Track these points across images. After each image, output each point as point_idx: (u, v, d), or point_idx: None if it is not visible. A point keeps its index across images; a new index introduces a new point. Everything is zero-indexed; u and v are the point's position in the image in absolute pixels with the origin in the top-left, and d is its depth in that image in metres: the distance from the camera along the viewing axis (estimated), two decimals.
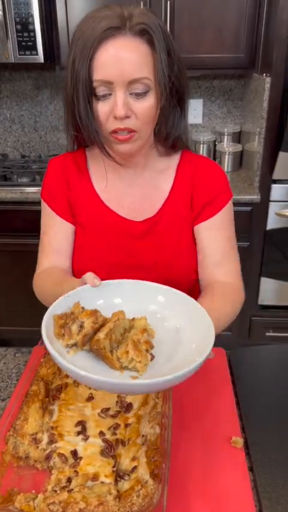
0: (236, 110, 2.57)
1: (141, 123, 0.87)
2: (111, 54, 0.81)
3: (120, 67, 0.81)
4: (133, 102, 0.85)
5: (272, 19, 1.91)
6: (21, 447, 0.71)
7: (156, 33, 0.83)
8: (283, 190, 2.11)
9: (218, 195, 0.99)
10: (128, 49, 0.82)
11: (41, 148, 2.70)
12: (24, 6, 2.02)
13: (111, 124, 0.86)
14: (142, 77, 0.83)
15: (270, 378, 0.93)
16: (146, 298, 0.79)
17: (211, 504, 0.67)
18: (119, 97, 0.83)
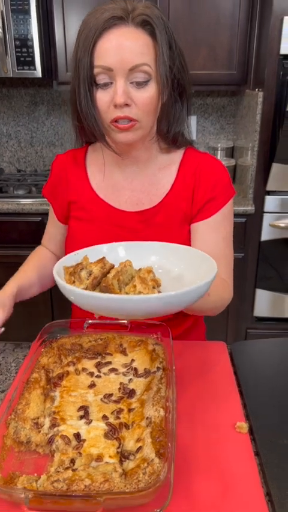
0: (228, 126, 2.64)
1: (141, 112, 0.87)
2: (112, 42, 0.83)
3: (121, 54, 0.83)
4: (133, 91, 0.86)
5: (264, 37, 1.98)
6: (23, 431, 0.69)
7: (158, 25, 0.85)
8: (276, 201, 2.15)
9: (220, 192, 0.99)
10: (130, 38, 0.84)
11: (36, 163, 2.73)
12: (23, 25, 2.08)
13: (111, 113, 0.87)
14: (142, 63, 0.84)
15: (271, 369, 0.92)
16: (148, 255, 0.81)
17: (218, 485, 0.65)
18: (119, 84, 0.84)
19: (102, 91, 0.87)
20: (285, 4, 1.85)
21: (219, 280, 0.97)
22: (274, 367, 0.93)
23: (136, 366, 0.84)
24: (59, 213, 1.08)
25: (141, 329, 0.93)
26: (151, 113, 0.90)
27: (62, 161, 1.08)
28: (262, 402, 0.82)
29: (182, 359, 0.92)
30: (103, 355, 0.87)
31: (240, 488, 0.65)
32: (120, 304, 0.62)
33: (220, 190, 0.99)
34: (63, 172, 1.06)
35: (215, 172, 1.00)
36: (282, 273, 2.31)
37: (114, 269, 0.70)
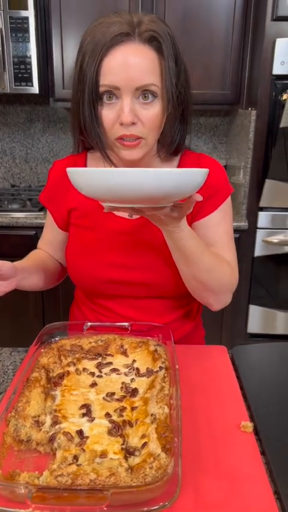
0: (221, 145, 2.69)
1: (147, 130, 0.86)
2: (119, 60, 0.82)
3: (127, 72, 0.82)
4: (140, 109, 0.84)
5: (256, 58, 2.05)
6: (23, 429, 0.67)
7: (165, 41, 0.84)
8: (269, 217, 2.18)
9: (218, 190, 0.99)
10: (137, 55, 0.82)
11: (31, 179, 2.74)
12: (22, 43, 2.12)
13: (117, 131, 0.86)
14: (150, 83, 0.83)
15: (272, 371, 0.91)
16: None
17: (226, 484, 0.63)
18: (126, 103, 0.83)
19: (107, 108, 0.85)
20: (277, 27, 1.92)
21: (221, 256, 0.96)
22: (275, 369, 0.92)
23: (138, 366, 0.83)
24: (58, 220, 1.07)
25: (142, 331, 0.92)
26: (156, 129, 0.89)
27: (61, 167, 1.06)
28: (265, 403, 0.81)
29: (183, 362, 0.90)
30: (104, 356, 0.86)
31: (248, 487, 0.63)
32: (133, 176, 0.65)
33: (218, 188, 0.98)
34: (64, 178, 1.04)
35: (212, 171, 1.00)
36: (275, 289, 2.32)
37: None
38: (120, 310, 1.03)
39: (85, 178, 0.70)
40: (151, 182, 0.65)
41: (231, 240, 1.01)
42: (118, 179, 0.65)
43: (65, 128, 2.64)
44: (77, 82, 0.89)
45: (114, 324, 0.94)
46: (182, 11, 2.12)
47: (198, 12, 2.11)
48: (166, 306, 1.04)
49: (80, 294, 1.12)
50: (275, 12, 1.89)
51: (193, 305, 1.10)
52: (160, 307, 1.03)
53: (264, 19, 1.92)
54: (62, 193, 1.04)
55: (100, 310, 1.06)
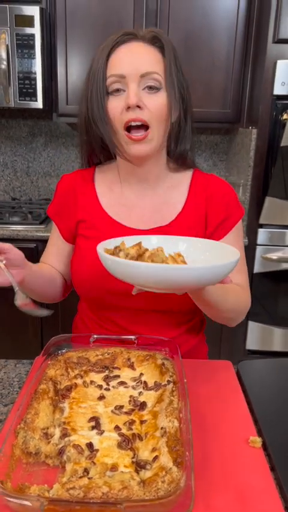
0: (221, 163, 2.72)
1: (153, 116, 0.90)
2: (124, 53, 0.90)
3: (133, 62, 0.89)
4: (145, 97, 0.89)
5: (257, 79, 2.09)
6: (32, 442, 0.66)
7: (167, 43, 0.92)
8: (269, 234, 2.19)
9: (231, 212, 1.01)
10: (141, 49, 0.91)
11: (32, 193, 2.75)
12: (27, 59, 2.15)
13: (124, 116, 0.89)
14: (153, 71, 0.89)
15: (279, 386, 0.91)
16: (178, 244, 0.86)
17: (237, 499, 0.63)
18: (132, 88, 0.88)
19: (114, 98, 0.91)
20: (278, 49, 1.96)
21: (237, 287, 0.99)
22: (282, 385, 0.92)
23: (145, 380, 0.82)
24: (65, 233, 1.07)
25: (149, 345, 0.92)
26: (162, 122, 0.92)
27: (69, 181, 1.08)
28: (273, 418, 0.81)
29: (189, 377, 0.89)
30: (111, 369, 0.86)
31: (259, 503, 0.63)
32: (157, 272, 0.68)
33: (231, 210, 1.01)
34: (71, 192, 1.06)
35: (225, 193, 1.03)
36: (274, 305, 2.32)
37: (149, 251, 0.76)
38: (124, 324, 1.03)
39: (116, 268, 0.73)
40: (183, 278, 0.68)
41: (243, 262, 1.02)
42: (150, 275, 0.68)
43: (67, 143, 2.66)
44: (86, 82, 0.95)
45: (121, 337, 0.94)
46: (185, 31, 2.17)
47: (201, 33, 2.16)
48: (170, 321, 1.04)
49: (84, 306, 1.11)
50: (277, 35, 1.94)
51: (197, 321, 1.11)
52: (164, 322, 1.03)
53: (266, 41, 1.97)
54: (69, 206, 1.06)
55: (104, 324, 1.06)
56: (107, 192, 1.05)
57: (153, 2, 2.13)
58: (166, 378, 0.80)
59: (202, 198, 1.02)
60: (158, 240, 0.87)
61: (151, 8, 2.13)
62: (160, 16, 2.15)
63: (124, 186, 1.04)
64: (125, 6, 2.13)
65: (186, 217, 1.01)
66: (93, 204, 1.04)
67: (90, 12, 2.14)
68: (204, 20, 2.15)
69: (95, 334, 0.94)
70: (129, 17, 2.14)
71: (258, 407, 0.83)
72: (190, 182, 1.04)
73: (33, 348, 2.23)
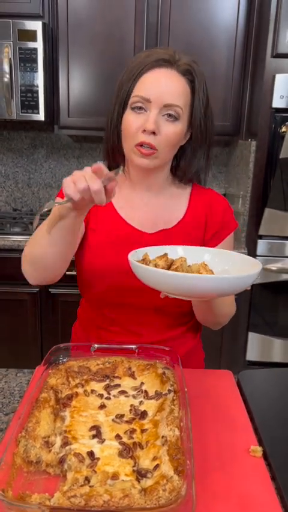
0: (220, 175, 2.75)
1: (163, 144, 0.95)
2: (156, 77, 0.94)
3: (160, 89, 0.93)
4: (163, 123, 0.94)
5: (256, 92, 2.12)
6: (33, 450, 0.66)
7: (199, 77, 0.96)
8: (269, 245, 2.20)
9: (226, 224, 1.08)
10: (171, 79, 0.94)
11: (33, 204, 2.77)
12: (30, 72, 2.19)
13: (138, 136, 0.94)
14: (176, 104, 0.94)
15: (280, 396, 0.91)
16: (199, 256, 0.89)
17: (237, 509, 0.63)
18: (153, 114, 0.93)
19: (134, 114, 0.95)
20: (276, 63, 2.00)
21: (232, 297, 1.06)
22: (282, 395, 0.92)
23: (146, 389, 0.83)
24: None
25: (149, 353, 0.92)
26: (171, 146, 0.97)
27: None
28: (274, 428, 0.81)
29: (190, 386, 0.90)
30: (111, 378, 0.86)
31: None
32: (194, 282, 0.71)
33: (227, 222, 1.08)
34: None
35: (223, 206, 1.10)
36: (274, 316, 2.33)
37: (178, 261, 0.80)
38: (125, 323, 1.06)
39: (146, 275, 0.77)
40: (208, 286, 0.72)
41: None
42: (178, 283, 0.72)
43: (68, 154, 2.69)
44: (115, 97, 0.99)
45: (121, 347, 0.95)
46: (185, 44, 2.20)
47: (200, 46, 2.20)
48: (169, 322, 1.08)
49: (84, 309, 1.14)
50: (275, 50, 1.97)
51: (195, 322, 1.14)
52: (165, 322, 1.08)
53: (265, 55, 2.00)
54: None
55: (104, 325, 1.09)
56: (117, 192, 1.07)
57: (153, 16, 2.16)
58: (167, 387, 0.81)
59: (202, 208, 1.08)
60: (183, 251, 0.91)
61: (152, 21, 2.17)
62: (161, 30, 2.18)
63: (130, 190, 1.08)
64: (126, 20, 2.17)
65: (187, 224, 1.06)
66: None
67: (91, 26, 2.18)
68: (204, 34, 2.19)
69: (94, 341, 0.95)
70: (131, 31, 2.18)
71: (259, 417, 0.83)
72: (190, 195, 1.10)
73: (33, 358, 2.22)
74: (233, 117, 2.29)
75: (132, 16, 2.16)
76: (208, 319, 1.07)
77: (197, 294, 0.76)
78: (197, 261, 0.85)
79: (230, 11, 2.16)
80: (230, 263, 0.87)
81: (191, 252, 0.90)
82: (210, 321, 1.07)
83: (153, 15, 2.16)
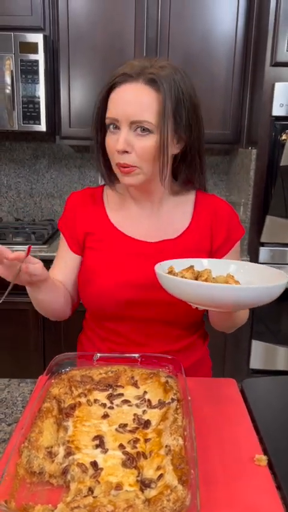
0: (221, 183, 2.75)
1: (140, 160, 0.94)
2: (120, 96, 0.93)
3: (125, 107, 0.92)
4: (134, 139, 0.93)
5: (256, 101, 2.13)
6: (36, 461, 0.66)
7: (165, 84, 0.91)
8: (271, 252, 2.20)
9: (233, 232, 1.07)
10: (136, 94, 0.92)
11: (35, 214, 2.78)
12: (31, 84, 2.21)
13: (115, 158, 0.95)
14: (143, 120, 0.92)
15: (284, 405, 0.91)
16: (224, 268, 0.91)
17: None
18: (122, 133, 0.93)
19: (110, 136, 0.96)
20: (275, 72, 2.01)
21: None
22: (287, 402, 0.91)
23: (149, 398, 0.82)
24: (73, 244, 1.08)
25: (152, 362, 0.92)
26: (150, 160, 0.95)
27: (78, 197, 1.12)
28: (278, 436, 0.80)
29: (193, 395, 0.89)
30: (114, 387, 0.86)
31: None
32: (227, 292, 0.73)
33: (233, 230, 1.07)
34: (79, 207, 1.09)
35: (228, 213, 1.09)
36: (278, 324, 2.32)
37: (204, 273, 0.82)
38: (131, 335, 1.04)
39: (177, 287, 0.79)
40: (234, 297, 0.74)
41: None
42: (211, 293, 0.74)
43: (70, 164, 2.71)
44: (93, 114, 1.01)
45: (124, 355, 0.94)
46: (184, 56, 2.23)
47: (200, 57, 2.22)
48: (176, 333, 1.06)
49: (90, 321, 1.13)
50: (274, 59, 1.98)
51: (201, 333, 1.13)
52: (171, 333, 1.06)
53: (264, 64, 2.02)
54: (77, 219, 1.08)
55: (110, 337, 1.07)
56: (116, 207, 1.09)
57: (153, 29, 2.19)
58: (170, 396, 0.80)
59: (207, 216, 1.06)
60: (208, 263, 0.92)
61: (151, 33, 2.19)
62: (160, 42, 2.21)
63: (131, 204, 1.08)
64: (126, 33, 2.19)
65: (193, 233, 1.05)
66: (102, 218, 1.08)
67: (92, 39, 2.20)
68: (203, 45, 2.21)
69: (99, 353, 0.95)
70: (130, 43, 2.20)
71: (263, 425, 0.82)
72: (194, 202, 1.08)
73: (35, 368, 2.21)
74: (233, 126, 2.30)
75: (132, 28, 2.19)
76: (225, 325, 1.05)
77: (226, 303, 0.76)
78: (221, 273, 0.85)
79: (229, 21, 2.18)
80: (255, 274, 0.88)
81: (215, 264, 0.91)
82: (226, 327, 1.06)
83: (153, 27, 2.19)
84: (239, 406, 0.89)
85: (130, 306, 1.01)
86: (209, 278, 0.82)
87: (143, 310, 1.01)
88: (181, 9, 2.17)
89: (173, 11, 2.17)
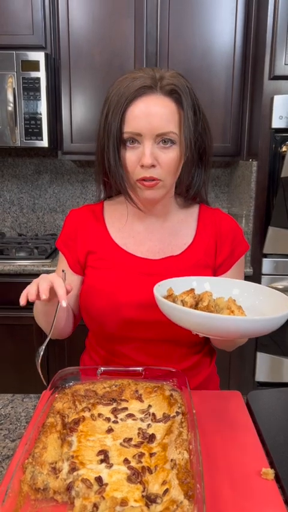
0: (223, 195, 2.77)
1: (165, 172, 0.93)
2: (141, 109, 0.90)
3: (149, 120, 0.90)
4: (159, 152, 0.92)
5: (256, 114, 2.16)
6: (40, 477, 0.65)
7: (184, 94, 0.92)
8: (274, 263, 2.20)
9: (237, 247, 1.05)
10: (158, 105, 0.90)
11: (38, 228, 2.79)
12: (33, 101, 2.24)
13: (138, 172, 0.93)
14: (169, 131, 0.91)
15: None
16: (224, 289, 0.88)
17: None
18: (147, 147, 0.90)
19: (130, 151, 0.93)
20: (274, 85, 2.04)
21: None
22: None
23: (154, 412, 0.81)
24: (73, 264, 1.07)
25: (157, 376, 0.91)
26: (173, 173, 0.95)
27: (77, 215, 1.10)
28: (285, 449, 0.79)
29: (198, 408, 0.89)
30: (118, 401, 0.85)
31: None
32: (226, 323, 0.71)
33: (237, 244, 1.06)
34: (80, 225, 1.07)
35: (233, 228, 1.07)
36: (283, 336, 2.30)
37: (205, 298, 0.81)
38: (135, 356, 1.02)
39: (174, 314, 0.77)
40: (235, 328, 0.71)
41: None
42: (209, 323, 0.72)
43: (72, 179, 2.73)
44: (102, 130, 0.96)
45: (128, 369, 0.94)
46: (184, 71, 2.19)
47: (199, 72, 2.25)
48: (181, 352, 1.04)
49: (92, 341, 1.11)
50: (272, 72, 2.01)
51: (207, 351, 1.11)
52: (175, 353, 1.03)
53: (262, 78, 2.04)
54: (78, 238, 1.06)
55: (113, 358, 1.05)
56: (117, 224, 1.07)
57: (152, 46, 2.23)
58: (175, 410, 0.80)
59: (211, 231, 1.05)
60: (209, 283, 0.90)
61: (151, 49, 2.23)
62: (160, 58, 2.24)
63: (133, 220, 1.06)
64: (126, 50, 2.23)
65: (197, 249, 1.03)
66: (103, 235, 1.05)
67: (92, 56, 2.24)
68: (202, 61, 2.24)
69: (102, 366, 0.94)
70: (131, 60, 2.23)
71: (270, 438, 0.81)
72: (198, 217, 1.07)
73: (39, 383, 2.19)
74: (233, 138, 2.32)
75: (132, 45, 2.22)
76: (226, 344, 1.03)
77: (226, 334, 0.74)
78: (223, 294, 0.83)
79: (227, 36, 2.22)
80: (258, 298, 0.85)
81: (217, 284, 0.89)
82: (227, 347, 1.04)
83: (152, 44, 2.22)
84: (245, 419, 0.88)
85: (133, 327, 0.99)
86: (210, 303, 0.80)
87: (147, 331, 0.99)
88: (180, 26, 2.20)
89: (172, 28, 2.20)
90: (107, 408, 0.83)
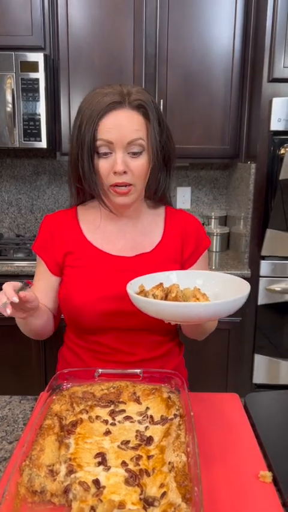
0: (221, 197, 2.77)
1: (136, 178, 1.02)
2: (113, 122, 0.98)
3: (120, 131, 0.98)
4: (129, 160, 1.00)
5: (254, 116, 2.16)
6: (37, 479, 0.65)
7: (150, 107, 1.01)
8: (272, 265, 2.20)
9: (200, 242, 1.15)
10: (127, 118, 0.99)
11: (36, 229, 2.79)
12: (32, 102, 2.24)
13: (111, 179, 1.01)
14: (138, 137, 0.99)
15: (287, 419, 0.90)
16: (189, 280, 0.95)
17: None
18: (119, 155, 0.99)
19: (103, 160, 1.00)
20: (273, 88, 2.04)
21: None
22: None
23: (152, 414, 0.81)
24: (52, 265, 1.12)
25: (154, 378, 0.91)
26: (143, 178, 1.04)
27: (53, 219, 1.15)
28: (283, 452, 0.79)
29: (196, 410, 0.89)
30: (116, 403, 0.85)
31: None
32: (195, 309, 0.79)
33: (200, 241, 1.16)
34: (56, 228, 1.13)
35: (196, 227, 1.18)
36: (280, 337, 2.30)
37: (173, 289, 0.87)
38: (114, 345, 1.08)
39: (148, 307, 0.84)
40: (203, 313, 0.79)
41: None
42: (180, 312, 0.79)
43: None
44: (75, 140, 1.03)
45: (126, 371, 0.94)
46: (183, 74, 2.26)
47: (198, 75, 2.25)
48: (155, 340, 1.12)
49: (70, 335, 1.17)
50: (271, 75, 2.01)
51: (177, 342, 1.19)
52: (153, 340, 1.10)
53: (261, 81, 2.04)
54: (55, 240, 1.12)
55: (93, 347, 1.10)
56: (91, 227, 1.13)
57: (152, 48, 2.23)
58: (172, 412, 0.80)
59: (178, 229, 1.14)
60: (176, 276, 0.98)
61: (150, 53, 2.23)
62: (159, 61, 2.24)
63: (106, 222, 1.13)
64: (125, 52, 2.23)
65: (166, 246, 1.12)
66: (79, 237, 1.12)
67: (91, 57, 2.24)
68: (201, 63, 2.24)
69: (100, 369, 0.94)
70: (129, 62, 2.23)
71: (267, 441, 0.81)
72: (164, 217, 1.17)
73: (36, 384, 2.20)
74: (232, 141, 2.32)
75: (131, 46, 2.22)
76: (195, 332, 1.10)
77: (196, 319, 0.82)
78: (188, 285, 0.90)
79: (226, 39, 2.22)
80: (221, 285, 0.93)
81: (183, 277, 0.97)
82: (197, 334, 1.11)
83: (151, 46, 2.22)
84: (242, 421, 0.88)
85: (111, 318, 1.05)
86: (178, 293, 0.87)
87: (124, 321, 1.04)
88: (179, 28, 2.21)
89: (171, 30, 2.21)
90: (105, 410, 0.83)
